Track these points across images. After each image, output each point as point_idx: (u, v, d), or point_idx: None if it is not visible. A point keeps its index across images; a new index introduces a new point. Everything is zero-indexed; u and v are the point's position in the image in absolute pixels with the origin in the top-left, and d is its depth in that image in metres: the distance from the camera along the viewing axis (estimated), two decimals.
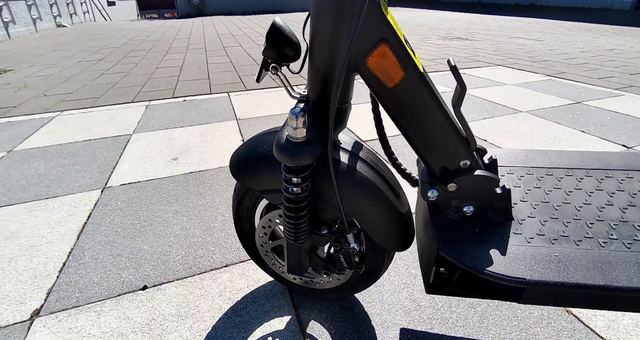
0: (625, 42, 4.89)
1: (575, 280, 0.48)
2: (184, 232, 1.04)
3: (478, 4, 15.40)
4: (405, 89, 0.50)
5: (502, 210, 0.57)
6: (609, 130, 1.77)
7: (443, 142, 0.54)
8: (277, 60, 0.54)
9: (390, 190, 0.60)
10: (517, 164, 0.71)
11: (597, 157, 0.72)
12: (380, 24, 0.46)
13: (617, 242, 0.53)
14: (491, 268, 0.50)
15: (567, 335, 0.71)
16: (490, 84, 2.66)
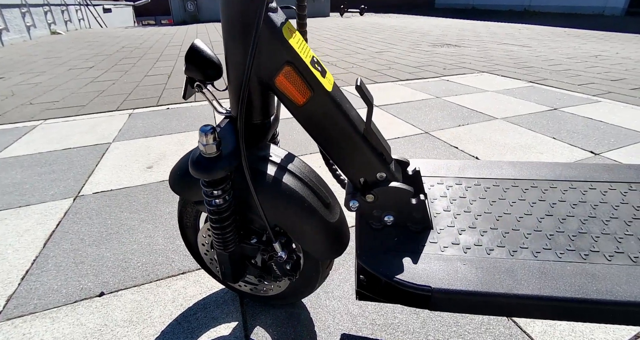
0: (612, 48, 4.95)
1: (480, 288, 0.50)
2: (148, 240, 1.07)
3: (472, 10, 15.59)
4: (314, 107, 0.54)
5: (420, 220, 0.60)
6: (580, 137, 1.80)
7: (357, 156, 0.57)
8: (200, 79, 0.58)
9: (319, 200, 0.63)
10: (448, 174, 0.74)
11: (527, 168, 0.75)
12: (282, 48, 0.50)
13: (527, 251, 0.56)
14: (400, 276, 0.52)
15: (501, 339, 0.73)
16: (471, 91, 2.70)
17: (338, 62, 3.97)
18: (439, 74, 3.34)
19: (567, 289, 0.49)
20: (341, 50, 4.87)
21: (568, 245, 0.56)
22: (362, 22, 10.10)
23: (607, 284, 0.50)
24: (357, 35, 6.64)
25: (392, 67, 3.68)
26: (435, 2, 19.56)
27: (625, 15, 11.37)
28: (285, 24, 0.52)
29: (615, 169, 0.74)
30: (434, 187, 0.71)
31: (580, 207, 0.64)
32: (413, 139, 1.79)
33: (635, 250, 0.55)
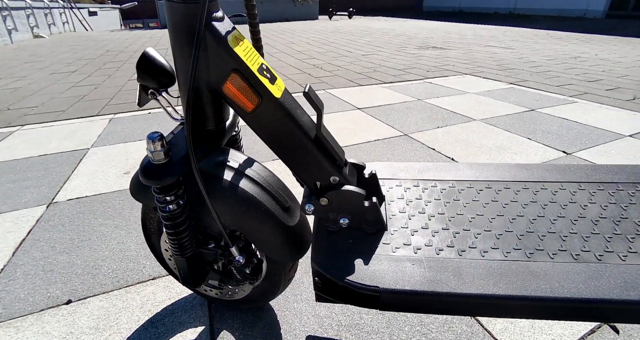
0: (591, 50, 5.09)
1: (427, 288, 0.52)
2: (120, 246, 1.06)
3: (459, 13, 15.83)
4: (263, 113, 0.55)
5: (373, 222, 0.61)
6: (554, 137, 1.85)
7: (309, 160, 0.58)
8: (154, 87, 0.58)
9: (277, 204, 0.64)
10: (407, 176, 0.76)
11: (483, 170, 0.77)
12: (228, 56, 0.51)
13: (475, 251, 0.57)
14: (351, 277, 0.54)
15: (463, 337, 0.75)
16: (453, 93, 2.75)
17: (324, 65, 3.99)
18: (422, 76, 3.39)
19: (509, 287, 0.51)
20: (328, 53, 4.90)
21: (515, 245, 0.58)
22: (350, 25, 10.18)
23: (548, 281, 0.52)
24: (345, 38, 6.69)
25: (377, 69, 3.72)
26: (423, 5, 19.83)
27: (606, 18, 11.68)
28: (232, 32, 0.53)
29: (567, 169, 0.76)
30: (392, 189, 0.72)
31: (531, 207, 0.66)
32: (392, 141, 1.81)
33: (578, 248, 0.57)
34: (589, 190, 0.70)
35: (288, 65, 3.99)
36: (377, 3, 21.24)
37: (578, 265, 0.54)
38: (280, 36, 7.14)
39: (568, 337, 0.75)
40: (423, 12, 18.12)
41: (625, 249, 0.57)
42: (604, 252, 0.56)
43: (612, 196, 0.68)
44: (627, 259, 0.55)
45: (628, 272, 0.53)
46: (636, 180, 0.72)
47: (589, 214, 0.64)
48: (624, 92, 2.78)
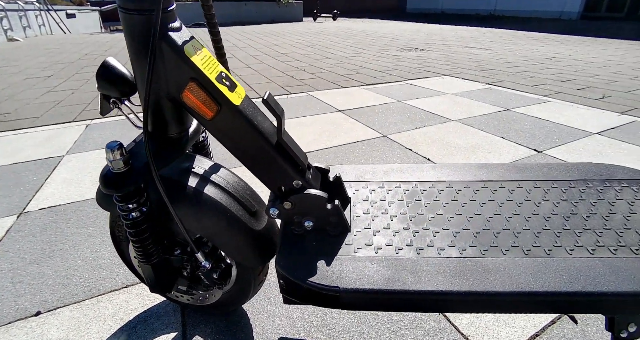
0: (566, 50, 5.27)
1: (385, 286, 0.54)
2: (93, 255, 1.05)
3: (441, 15, 16.13)
4: (222, 121, 0.56)
5: (337, 224, 0.63)
6: (527, 136, 1.91)
7: (271, 166, 0.60)
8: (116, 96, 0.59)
9: (243, 209, 0.65)
10: (373, 178, 0.78)
11: (446, 170, 0.80)
12: (185, 65, 0.52)
13: (432, 249, 0.60)
14: (313, 278, 0.55)
15: (432, 335, 0.77)
16: (432, 94, 2.81)
17: (307, 67, 4.01)
18: (403, 78, 3.44)
19: (463, 283, 0.53)
20: (312, 55, 4.92)
21: (471, 242, 0.61)
22: (334, 26, 10.24)
23: (499, 276, 0.54)
24: (329, 40, 6.73)
25: (360, 71, 3.76)
26: (406, 7, 20.12)
27: (580, 19, 12.12)
28: (189, 42, 0.54)
29: (524, 168, 0.80)
30: (358, 191, 0.74)
31: (488, 205, 0.69)
32: (371, 143, 1.84)
33: (529, 244, 0.60)
34: (544, 188, 0.73)
35: (271, 67, 3.99)
36: (361, 5, 21.45)
37: (528, 260, 0.57)
38: (264, 38, 7.13)
39: (530, 328, 0.78)
40: (406, 13, 18.39)
41: (573, 243, 0.60)
42: (553, 247, 0.59)
43: (564, 193, 0.72)
44: (573, 253, 0.58)
45: (573, 265, 0.56)
46: (587, 178, 0.76)
47: (542, 211, 0.67)
48: (594, 91, 2.89)
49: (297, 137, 1.91)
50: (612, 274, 0.54)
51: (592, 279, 0.53)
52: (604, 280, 0.53)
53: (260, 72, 3.75)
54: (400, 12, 19.43)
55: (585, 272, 0.55)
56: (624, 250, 0.58)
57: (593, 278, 0.54)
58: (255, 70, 3.85)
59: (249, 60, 4.46)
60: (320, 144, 1.81)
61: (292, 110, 2.41)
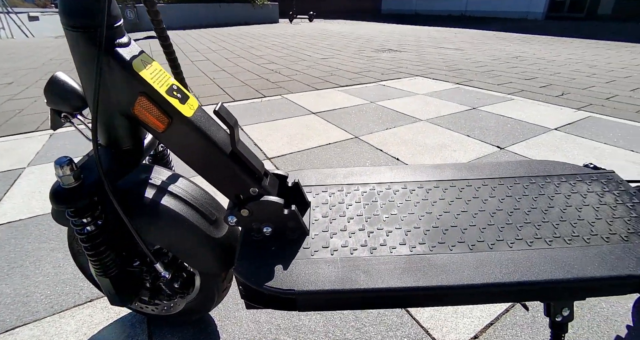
0: (531, 49, 5.52)
1: (338, 286, 0.56)
2: (56, 270, 1.02)
3: (415, 16, 16.49)
4: (174, 133, 0.57)
5: (295, 228, 0.65)
6: (491, 133, 2.00)
7: (226, 174, 0.61)
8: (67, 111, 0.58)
9: (203, 218, 0.66)
10: (333, 182, 0.80)
11: (402, 171, 0.83)
12: (134, 80, 0.52)
13: (385, 248, 0.63)
14: (269, 283, 0.57)
15: (394, 330, 0.80)
16: (403, 95, 2.88)
17: (283, 69, 4.02)
18: (377, 79, 3.51)
19: (412, 280, 0.56)
20: (287, 57, 4.93)
21: (420, 240, 0.64)
22: (310, 28, 10.29)
23: (444, 271, 0.58)
24: (305, 42, 6.76)
25: (335, 73, 3.80)
26: (381, 8, 20.46)
27: (545, 19, 12.72)
28: (138, 56, 0.54)
29: (474, 167, 0.84)
30: (318, 195, 0.76)
31: (439, 204, 0.73)
32: (343, 144, 1.87)
33: (474, 239, 0.64)
34: (491, 185, 0.78)
35: (246, 70, 3.97)
36: (337, 6, 21.62)
37: (472, 254, 0.61)
38: (239, 40, 7.07)
39: (485, 318, 0.83)
40: (382, 14, 18.69)
41: (514, 237, 0.64)
42: (496, 241, 0.64)
43: (509, 189, 0.77)
44: (513, 246, 0.62)
45: (513, 257, 0.60)
46: (531, 174, 0.81)
47: (488, 207, 0.72)
48: (555, 89, 3.05)
49: (270, 140, 1.92)
50: (546, 263, 0.59)
51: (528, 269, 0.58)
52: (540, 269, 0.58)
53: (235, 75, 3.72)
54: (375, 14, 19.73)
55: (523, 263, 0.59)
56: (558, 241, 0.63)
57: (530, 268, 0.58)
58: (230, 73, 3.81)
59: (223, 63, 4.42)
60: (293, 147, 1.83)
61: (266, 113, 2.41)
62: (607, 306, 0.85)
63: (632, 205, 0.72)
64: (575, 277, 0.57)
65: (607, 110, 2.44)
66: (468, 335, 0.78)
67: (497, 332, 0.79)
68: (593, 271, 0.57)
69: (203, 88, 3.13)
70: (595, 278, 0.57)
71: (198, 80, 3.45)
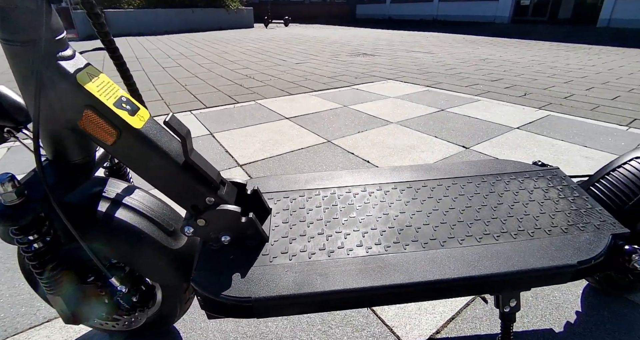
0: (497, 52, 5.78)
1: (295, 291, 0.57)
2: (10, 291, 0.97)
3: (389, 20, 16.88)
4: (124, 145, 0.56)
5: (253, 236, 0.65)
6: (457, 134, 2.08)
7: (180, 185, 0.61)
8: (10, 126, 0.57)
9: (160, 229, 0.65)
10: (294, 188, 0.81)
11: (362, 175, 0.86)
12: (78, 93, 0.51)
13: (342, 251, 0.64)
14: (226, 291, 0.57)
15: (360, 330, 0.82)
16: (375, 98, 2.94)
17: (257, 74, 4.01)
18: (350, 83, 3.57)
19: (367, 280, 0.58)
20: (262, 62, 4.92)
21: (377, 241, 0.66)
22: (286, 33, 10.32)
23: (399, 270, 0.60)
24: (280, 47, 6.77)
25: (309, 78, 3.83)
26: (356, 13, 20.81)
27: (511, 23, 13.35)
28: (83, 69, 0.54)
29: (430, 168, 0.88)
30: (280, 202, 0.77)
31: (395, 205, 0.75)
32: (316, 149, 1.89)
33: (427, 238, 0.67)
34: (445, 185, 0.81)
35: (219, 76, 3.93)
36: (313, 11, 21.81)
37: (425, 252, 0.63)
38: (213, 46, 6.99)
39: (447, 313, 0.86)
40: (357, 19, 19.02)
41: (464, 234, 0.68)
42: (448, 238, 0.67)
43: (462, 189, 0.80)
44: (463, 243, 0.66)
45: (463, 254, 0.63)
46: (483, 173, 0.86)
47: (441, 206, 0.75)
48: (518, 89, 3.21)
49: (241, 147, 1.91)
50: (493, 258, 0.62)
51: (477, 264, 0.61)
52: (487, 264, 0.61)
53: (208, 81, 3.67)
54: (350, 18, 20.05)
55: (472, 258, 0.62)
56: (505, 236, 0.67)
57: (478, 263, 0.61)
58: (202, 79, 3.77)
59: (196, 69, 4.35)
60: (265, 153, 1.83)
61: (239, 119, 2.40)
62: (559, 295, 0.91)
63: (572, 199, 0.77)
64: (519, 269, 0.60)
65: (565, 109, 2.59)
66: (430, 331, 0.81)
67: (458, 325, 0.82)
68: (535, 263, 0.61)
69: (174, 95, 3.08)
70: (537, 269, 0.60)
71: (169, 87, 3.39)
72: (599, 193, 0.79)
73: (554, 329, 0.81)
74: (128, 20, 10.14)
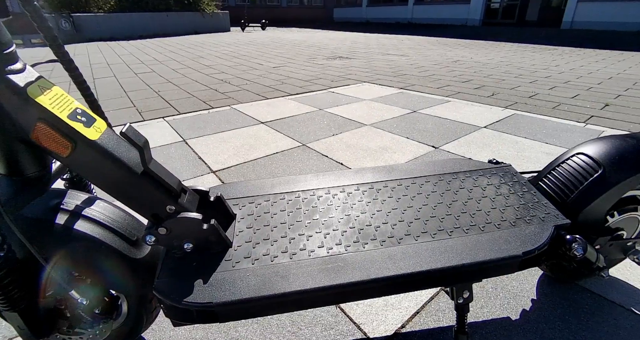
0: (469, 54, 5.99)
1: (257, 294, 0.58)
2: None
3: (366, 24, 17.14)
4: (80, 157, 0.56)
5: (217, 242, 0.66)
6: (428, 134, 2.15)
7: (140, 194, 0.61)
8: None
9: (122, 239, 0.65)
10: (260, 193, 0.83)
11: (327, 178, 0.89)
12: (30, 107, 0.51)
13: (304, 253, 0.66)
14: (188, 298, 0.58)
15: (329, 329, 0.84)
16: (350, 101, 2.99)
17: (233, 79, 3.99)
18: (327, 86, 3.61)
19: (326, 279, 0.60)
20: (238, 66, 4.90)
21: (337, 241, 0.69)
22: (263, 36, 10.31)
23: (357, 268, 0.62)
24: (257, 51, 6.76)
25: (286, 82, 3.85)
26: (334, 16, 21.03)
27: (482, 25, 13.87)
28: (34, 82, 0.53)
29: (391, 169, 0.92)
30: (245, 207, 0.79)
31: (357, 206, 0.78)
32: (290, 153, 1.91)
33: (385, 236, 0.70)
34: (405, 185, 0.85)
35: (193, 81, 3.89)
36: (290, 14, 21.88)
37: (382, 250, 0.67)
38: (188, 50, 6.90)
39: (413, 307, 0.90)
40: (334, 22, 19.21)
41: (420, 231, 0.71)
42: (404, 235, 0.70)
43: (420, 188, 0.84)
44: (419, 239, 0.69)
45: (418, 249, 0.67)
46: (440, 172, 0.90)
47: (400, 205, 0.78)
48: (487, 90, 3.35)
49: (215, 153, 1.90)
50: (446, 252, 0.66)
51: (430, 259, 0.64)
52: (440, 258, 0.65)
53: (182, 86, 3.62)
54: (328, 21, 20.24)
55: (426, 254, 0.66)
56: (458, 232, 0.71)
57: (432, 258, 0.65)
58: (176, 84, 3.71)
59: (170, 75, 4.28)
60: (240, 159, 1.83)
61: (213, 125, 2.38)
62: (516, 284, 0.96)
63: (521, 194, 0.83)
64: (469, 262, 0.64)
65: (529, 108, 2.73)
66: (396, 326, 0.84)
67: (422, 319, 0.86)
68: (484, 255, 0.65)
69: (147, 101, 3.02)
70: (485, 261, 0.65)
71: (142, 94, 3.32)
72: (545, 187, 0.84)
73: (511, 317, 0.86)
74: (99, 25, 9.84)
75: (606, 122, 2.36)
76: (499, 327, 0.84)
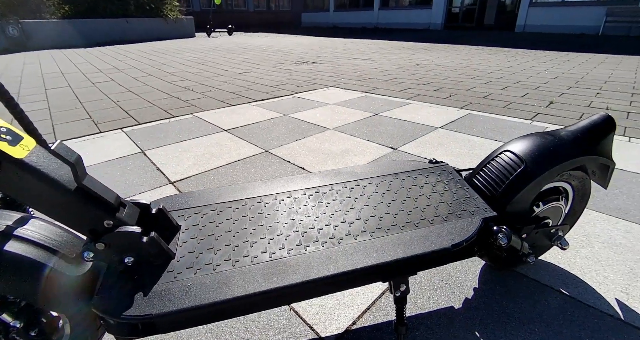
0: (430, 57, 6.25)
1: (198, 302, 0.59)
2: None
3: (333, 28, 17.41)
4: (5, 176, 0.55)
5: (158, 255, 0.67)
6: (388, 136, 2.23)
7: (74, 211, 0.61)
8: None
9: (60, 257, 0.64)
10: (206, 202, 0.84)
11: (275, 184, 0.91)
12: None
13: (247, 259, 0.68)
14: (128, 311, 0.58)
15: (282, 332, 0.86)
16: (315, 106, 3.04)
17: (196, 86, 3.93)
18: (292, 91, 3.64)
19: (269, 282, 0.62)
20: (203, 73, 4.82)
21: (280, 245, 0.71)
22: (229, 42, 10.20)
23: (298, 269, 0.65)
24: (223, 57, 6.68)
25: (251, 88, 3.84)
26: (301, 21, 21.19)
27: (444, 29, 14.51)
28: None
29: (337, 173, 0.96)
30: (190, 218, 0.79)
31: (302, 210, 0.81)
32: (252, 160, 1.91)
33: (327, 237, 0.73)
34: (349, 187, 0.90)
35: (155, 89, 3.78)
36: (258, 19, 21.79)
37: (322, 251, 0.70)
38: (150, 57, 6.69)
39: (364, 304, 0.94)
40: (302, 27, 19.36)
41: (360, 230, 0.75)
42: (344, 236, 0.74)
43: (363, 189, 0.89)
44: (358, 238, 0.73)
45: (357, 248, 0.70)
46: (384, 173, 0.95)
47: (343, 207, 0.82)
48: (445, 91, 3.52)
49: (174, 163, 1.87)
50: (383, 249, 0.70)
51: (367, 256, 0.68)
52: (377, 255, 0.69)
53: (142, 95, 3.52)
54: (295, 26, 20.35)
55: (364, 251, 0.70)
56: (394, 229, 0.76)
57: (370, 255, 0.69)
58: (136, 93, 3.60)
59: (130, 83, 4.14)
60: (200, 168, 1.81)
61: (173, 134, 2.34)
62: (460, 275, 1.03)
63: (455, 191, 0.89)
64: (404, 256, 0.69)
65: (482, 108, 2.90)
66: (347, 323, 0.88)
67: (372, 315, 0.90)
68: (417, 249, 0.70)
69: (104, 112, 2.91)
70: (418, 255, 0.69)
71: (98, 104, 3.19)
72: (478, 183, 0.92)
73: (454, 306, 0.93)
74: (51, 31, 9.31)
75: (549, 119, 2.56)
76: (443, 316, 0.90)
